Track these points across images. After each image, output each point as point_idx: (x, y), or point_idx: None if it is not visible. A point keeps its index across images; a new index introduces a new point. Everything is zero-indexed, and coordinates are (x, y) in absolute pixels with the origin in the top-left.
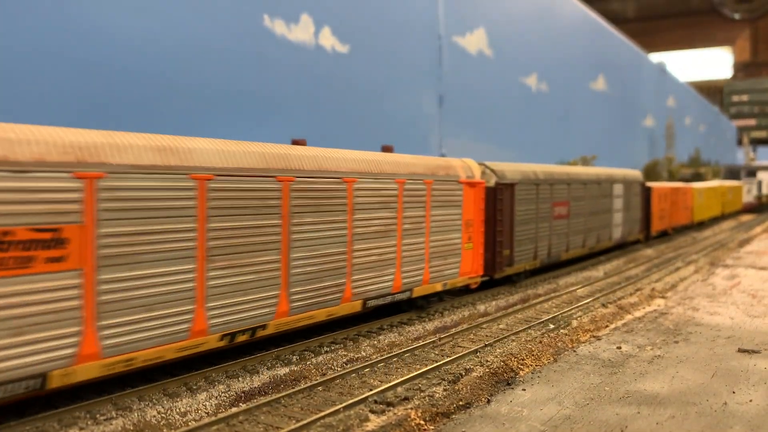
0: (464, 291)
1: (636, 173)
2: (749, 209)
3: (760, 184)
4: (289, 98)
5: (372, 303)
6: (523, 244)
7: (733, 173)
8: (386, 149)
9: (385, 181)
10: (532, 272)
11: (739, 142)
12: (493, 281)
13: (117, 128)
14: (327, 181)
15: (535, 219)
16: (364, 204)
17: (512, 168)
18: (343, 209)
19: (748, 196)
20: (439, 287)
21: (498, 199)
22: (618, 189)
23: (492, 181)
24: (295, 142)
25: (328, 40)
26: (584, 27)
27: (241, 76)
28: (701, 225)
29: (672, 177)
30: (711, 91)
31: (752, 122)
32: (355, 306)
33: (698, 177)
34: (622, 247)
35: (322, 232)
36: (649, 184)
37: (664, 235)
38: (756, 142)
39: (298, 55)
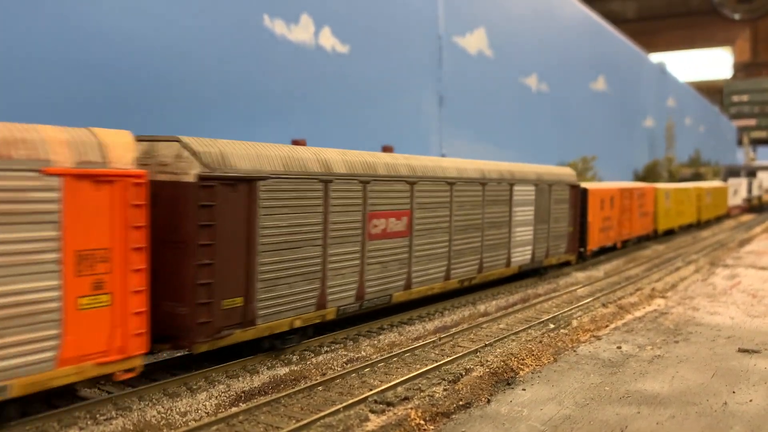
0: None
1: (564, 171)
2: (736, 214)
3: (750, 184)
4: (289, 98)
5: None
6: (284, 284)
7: (733, 173)
8: (386, 150)
9: None
10: (326, 326)
11: (740, 143)
12: (209, 355)
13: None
14: None
15: (320, 240)
16: None
17: (253, 151)
18: None
19: (734, 199)
20: None
21: (203, 208)
22: (524, 192)
23: (192, 173)
24: (294, 142)
25: (328, 40)
26: (584, 27)
27: (240, 76)
28: (670, 234)
29: (672, 177)
30: (711, 91)
31: (752, 122)
32: None
33: (698, 177)
34: (536, 273)
35: None
36: (586, 185)
37: (610, 250)
38: (756, 142)
39: (298, 56)
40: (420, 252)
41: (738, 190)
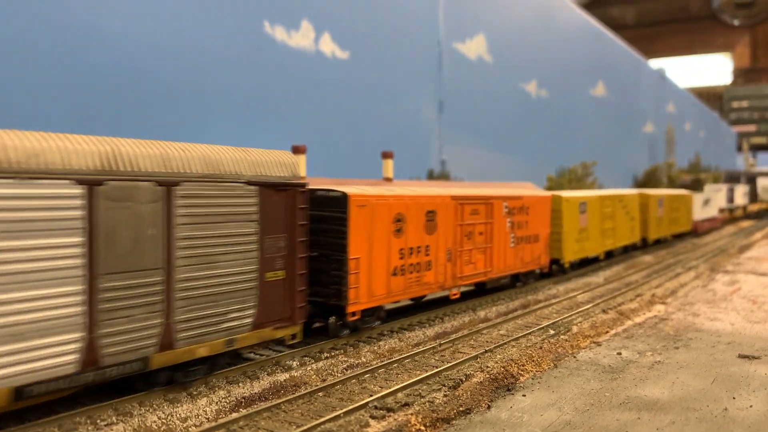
0: None
1: (240, 157)
2: (707, 229)
3: (731, 192)
4: (289, 104)
5: None
6: None
7: (733, 179)
8: (386, 155)
9: None
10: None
11: (739, 148)
12: None
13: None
14: None
15: None
16: None
17: None
18: None
19: (707, 210)
20: None
21: None
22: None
23: None
24: (294, 148)
25: (328, 46)
26: (584, 33)
27: (241, 82)
28: (592, 264)
29: (672, 182)
30: (711, 97)
31: (752, 128)
32: None
33: (698, 182)
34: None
35: None
36: (347, 189)
37: (440, 303)
38: (756, 148)
39: (298, 62)
40: None
41: (712, 200)
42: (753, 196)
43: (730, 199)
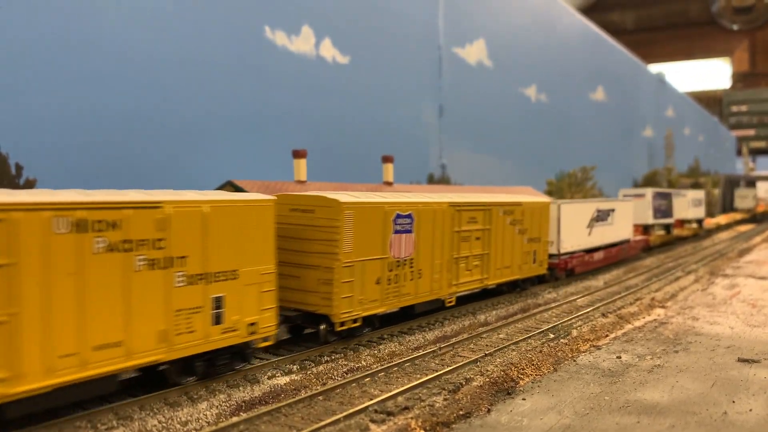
0: None
1: None
2: (597, 265)
3: (665, 200)
4: (289, 109)
5: None
6: None
7: (732, 183)
8: (386, 159)
9: None
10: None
11: (739, 152)
12: None
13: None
14: None
15: None
16: None
17: None
18: None
19: (600, 232)
20: None
21: None
22: None
23: None
24: (295, 153)
25: (329, 51)
26: (583, 38)
27: (241, 86)
28: None
29: (672, 187)
30: (710, 101)
31: (751, 132)
32: None
33: (697, 187)
34: None
35: None
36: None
37: None
38: (755, 152)
39: (299, 66)
40: None
41: (617, 212)
42: (727, 204)
43: (663, 211)
